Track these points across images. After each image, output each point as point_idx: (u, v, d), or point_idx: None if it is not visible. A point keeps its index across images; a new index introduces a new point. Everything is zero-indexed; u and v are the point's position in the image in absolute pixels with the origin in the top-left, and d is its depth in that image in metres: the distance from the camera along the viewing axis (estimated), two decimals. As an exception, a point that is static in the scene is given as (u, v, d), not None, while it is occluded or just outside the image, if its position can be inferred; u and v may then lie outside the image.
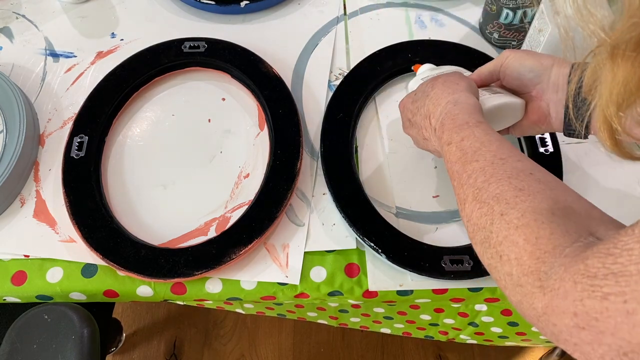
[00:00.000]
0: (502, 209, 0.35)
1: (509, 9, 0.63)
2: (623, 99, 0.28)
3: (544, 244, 0.32)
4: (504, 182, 0.37)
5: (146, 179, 0.62)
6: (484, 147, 0.40)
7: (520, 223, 0.34)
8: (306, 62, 0.69)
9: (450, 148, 0.42)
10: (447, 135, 0.43)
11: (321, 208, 0.59)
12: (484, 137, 0.41)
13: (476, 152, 0.40)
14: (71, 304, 0.60)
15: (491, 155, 0.39)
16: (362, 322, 0.73)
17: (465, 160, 0.40)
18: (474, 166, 0.39)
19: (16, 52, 0.72)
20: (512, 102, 0.50)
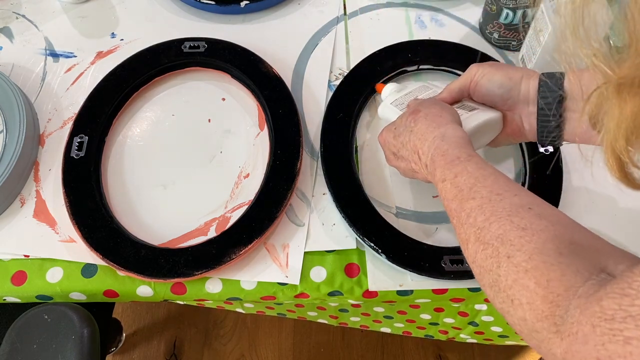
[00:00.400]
0: (508, 251, 0.34)
1: (509, 9, 0.63)
2: (632, 133, 0.28)
3: (556, 287, 0.31)
4: (504, 221, 0.36)
5: (146, 179, 0.62)
6: (479, 183, 0.39)
7: (529, 266, 0.33)
8: (306, 62, 0.69)
9: (444, 185, 0.41)
10: (439, 172, 0.42)
11: (321, 208, 0.59)
12: (477, 172, 0.40)
13: (472, 189, 0.39)
14: (71, 304, 0.60)
15: (487, 191, 0.38)
16: (362, 322, 0.73)
17: (462, 197, 0.39)
18: (472, 204, 0.38)
19: (16, 52, 0.72)
20: (492, 117, 0.50)
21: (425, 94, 0.56)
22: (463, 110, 0.51)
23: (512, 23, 0.65)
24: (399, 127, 0.49)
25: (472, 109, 0.50)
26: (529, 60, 0.63)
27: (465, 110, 0.50)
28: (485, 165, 0.41)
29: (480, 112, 0.50)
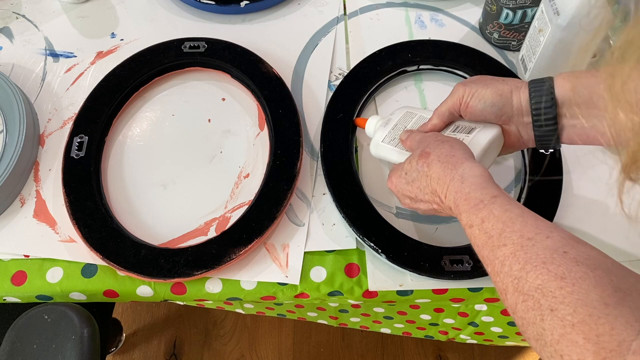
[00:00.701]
0: (550, 303, 0.33)
1: (509, 9, 0.63)
2: None
3: (607, 342, 0.30)
4: (541, 270, 0.34)
5: (146, 179, 0.62)
6: (508, 227, 0.38)
7: (575, 320, 0.31)
8: (306, 62, 0.69)
9: (472, 231, 0.40)
10: (465, 217, 0.41)
11: (321, 208, 0.59)
12: (504, 216, 0.38)
13: (501, 235, 0.38)
14: (71, 304, 0.60)
15: (517, 236, 0.37)
16: (362, 322, 0.73)
17: (493, 245, 0.38)
18: (504, 252, 0.37)
19: (16, 52, 0.72)
20: (495, 134, 0.48)
21: (413, 123, 0.54)
22: (461, 133, 0.50)
23: (512, 23, 0.65)
24: (410, 172, 0.47)
25: (470, 130, 0.49)
26: (529, 60, 0.63)
27: (464, 133, 0.49)
28: (511, 206, 0.39)
29: (480, 133, 0.49)
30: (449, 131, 0.51)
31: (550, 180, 0.57)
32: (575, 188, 0.59)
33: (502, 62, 0.66)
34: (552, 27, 0.56)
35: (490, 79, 0.49)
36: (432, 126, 0.51)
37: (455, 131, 0.50)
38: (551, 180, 0.57)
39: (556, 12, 0.55)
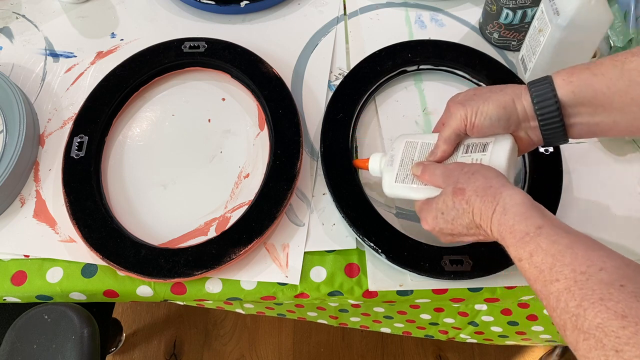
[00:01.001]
0: (614, 344, 0.31)
1: (509, 9, 0.63)
2: None
3: None
4: (599, 307, 0.33)
5: (146, 179, 0.62)
6: (558, 261, 0.36)
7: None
8: (306, 62, 0.69)
9: (522, 265, 0.39)
10: (513, 251, 0.40)
11: (321, 208, 0.59)
12: (552, 249, 0.37)
13: (552, 269, 0.36)
14: (71, 304, 0.60)
15: (569, 270, 0.35)
16: (362, 322, 0.73)
17: (545, 280, 0.37)
18: (557, 287, 0.35)
19: (16, 52, 0.72)
20: (511, 145, 0.47)
21: (418, 153, 0.51)
22: (477, 153, 0.48)
23: (512, 23, 0.65)
24: (448, 211, 0.45)
25: (484, 147, 0.48)
26: (529, 60, 0.63)
27: (479, 153, 0.48)
28: (558, 237, 0.38)
29: (496, 147, 0.47)
30: (461, 153, 0.49)
31: (550, 180, 0.57)
32: (575, 188, 0.59)
33: (502, 62, 0.66)
34: (552, 27, 0.56)
35: (487, 92, 0.47)
36: (442, 153, 0.49)
37: (469, 152, 0.49)
38: (551, 180, 0.57)
39: (556, 12, 0.55)
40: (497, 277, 0.53)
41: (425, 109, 0.65)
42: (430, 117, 0.65)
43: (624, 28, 0.62)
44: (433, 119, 0.64)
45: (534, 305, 0.60)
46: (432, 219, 0.47)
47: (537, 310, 0.61)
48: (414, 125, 0.64)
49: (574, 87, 0.43)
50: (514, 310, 0.62)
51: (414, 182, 0.50)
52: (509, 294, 0.55)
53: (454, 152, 0.49)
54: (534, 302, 0.59)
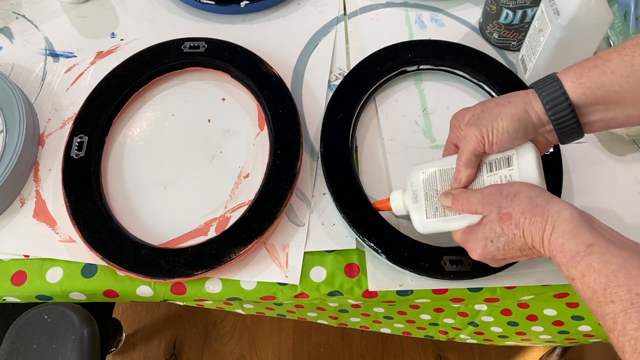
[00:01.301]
0: None
1: (509, 9, 0.63)
2: None
3: None
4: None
5: (146, 179, 0.62)
6: (611, 282, 0.35)
7: None
8: (306, 62, 0.69)
9: (575, 284, 0.38)
10: (565, 270, 0.39)
11: (321, 208, 0.59)
12: (605, 269, 0.36)
13: (606, 291, 0.35)
14: (71, 304, 0.60)
15: (624, 291, 0.35)
16: (362, 322, 0.73)
17: (599, 301, 0.36)
18: (613, 309, 0.35)
19: (16, 52, 0.72)
20: (534, 152, 0.46)
21: (440, 182, 0.50)
22: (503, 169, 0.47)
23: (512, 23, 0.65)
24: (498, 239, 0.44)
25: (507, 160, 0.47)
26: (529, 60, 0.63)
27: (505, 169, 0.46)
28: (611, 255, 0.37)
29: (521, 159, 0.46)
30: (486, 173, 0.48)
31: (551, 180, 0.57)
32: (575, 188, 0.59)
33: (502, 62, 0.66)
34: (552, 27, 0.56)
35: (495, 107, 0.46)
36: (467, 178, 0.47)
37: (493, 169, 0.47)
38: (551, 180, 0.57)
39: (556, 12, 0.55)
40: (497, 277, 0.53)
41: (425, 109, 0.65)
42: (430, 117, 0.65)
43: (624, 28, 0.62)
44: (433, 119, 0.64)
45: (534, 305, 0.60)
46: (481, 248, 0.45)
47: (537, 311, 0.61)
48: (414, 125, 0.64)
49: (585, 88, 0.43)
50: (514, 311, 0.62)
51: (446, 214, 0.48)
52: (509, 294, 0.55)
53: (477, 173, 0.48)
54: (533, 302, 0.59)
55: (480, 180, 0.48)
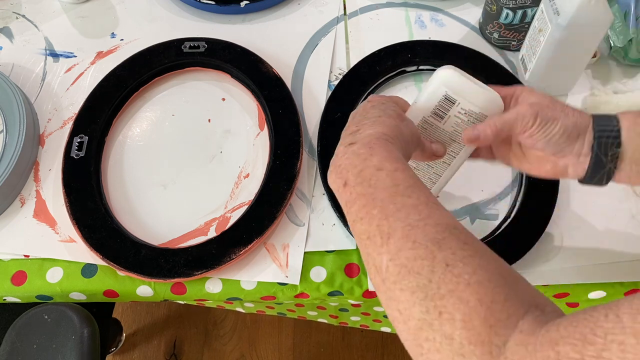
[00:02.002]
0: (447, 259, 0.31)
1: (509, 9, 0.63)
2: None
3: (498, 311, 0.29)
4: (443, 228, 0.33)
5: (146, 179, 0.62)
6: (417, 186, 0.36)
7: (472, 280, 0.30)
8: (306, 62, 0.69)
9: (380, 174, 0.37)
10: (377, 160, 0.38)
11: (321, 208, 0.59)
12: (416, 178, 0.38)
13: (409, 188, 0.36)
14: (71, 304, 0.60)
15: (425, 197, 0.36)
16: (362, 321, 0.74)
17: (396, 192, 0.36)
18: (406, 201, 0.35)
19: (16, 52, 0.72)
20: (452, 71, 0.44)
21: None
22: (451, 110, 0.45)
23: (512, 23, 0.65)
24: None
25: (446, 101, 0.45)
26: (529, 60, 0.63)
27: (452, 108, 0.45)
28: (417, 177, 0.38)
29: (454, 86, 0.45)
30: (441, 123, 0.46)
31: (548, 181, 0.57)
32: (573, 189, 0.59)
33: (502, 62, 0.66)
34: (552, 27, 0.56)
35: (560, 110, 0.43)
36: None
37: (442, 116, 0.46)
38: (549, 181, 0.57)
39: (556, 12, 0.55)
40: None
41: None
42: (430, 117, 0.64)
43: (624, 28, 0.62)
44: (433, 119, 0.64)
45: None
46: None
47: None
48: (414, 125, 0.64)
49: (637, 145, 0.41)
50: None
51: None
52: (509, 294, 0.55)
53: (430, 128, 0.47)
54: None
55: (439, 130, 0.47)
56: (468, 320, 0.29)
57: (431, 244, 0.32)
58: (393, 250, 0.33)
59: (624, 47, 0.63)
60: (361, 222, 0.36)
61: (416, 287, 0.31)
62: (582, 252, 0.55)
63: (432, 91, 0.45)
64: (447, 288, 0.30)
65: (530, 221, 0.55)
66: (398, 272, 0.32)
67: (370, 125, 0.41)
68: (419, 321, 0.30)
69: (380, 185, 0.37)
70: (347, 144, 0.41)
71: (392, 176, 0.37)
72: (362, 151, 0.39)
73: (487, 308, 0.29)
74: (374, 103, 0.45)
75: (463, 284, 0.30)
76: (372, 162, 0.38)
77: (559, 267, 0.54)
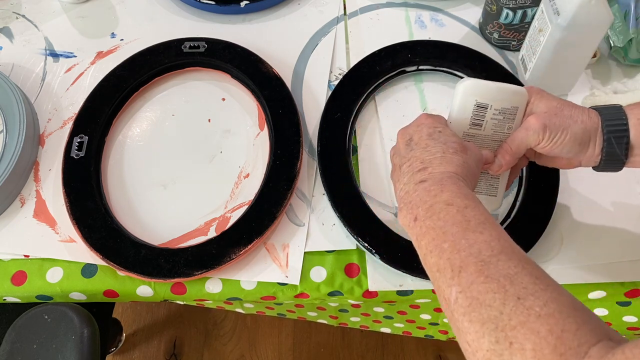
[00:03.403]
0: (519, 292, 0.32)
1: (509, 9, 0.63)
2: None
3: (569, 339, 0.29)
4: (515, 263, 0.34)
5: (146, 179, 0.62)
6: (489, 223, 0.37)
7: (542, 312, 0.31)
8: (306, 62, 0.69)
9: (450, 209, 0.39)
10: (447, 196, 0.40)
11: (321, 208, 0.59)
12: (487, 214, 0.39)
13: (480, 224, 0.37)
14: (71, 304, 0.60)
15: (497, 233, 0.36)
16: (362, 322, 0.73)
17: (467, 228, 0.37)
18: (478, 237, 0.36)
19: (16, 52, 0.72)
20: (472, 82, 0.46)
21: None
22: (485, 116, 0.47)
23: (512, 23, 0.65)
24: None
25: (478, 109, 0.47)
26: (529, 60, 0.63)
27: (486, 113, 0.47)
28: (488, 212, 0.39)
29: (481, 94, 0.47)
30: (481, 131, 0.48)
31: (548, 180, 0.57)
32: (574, 188, 0.59)
33: (502, 62, 0.66)
34: (552, 27, 0.56)
35: (568, 117, 0.45)
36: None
37: (479, 124, 0.48)
38: (549, 180, 0.57)
39: (556, 12, 0.55)
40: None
41: (425, 109, 0.65)
42: (430, 117, 0.64)
43: (624, 28, 0.62)
44: (433, 119, 0.64)
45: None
46: None
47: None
48: (414, 125, 0.64)
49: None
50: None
51: None
52: (509, 294, 0.55)
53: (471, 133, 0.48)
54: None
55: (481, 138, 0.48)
56: (538, 349, 0.29)
57: (503, 278, 0.33)
58: (464, 284, 0.34)
59: (624, 47, 0.63)
60: (431, 254, 0.38)
61: (487, 319, 0.32)
62: (582, 252, 0.55)
63: (461, 106, 0.47)
64: (518, 320, 0.31)
65: (530, 221, 0.55)
66: (469, 304, 0.33)
67: (439, 164, 0.43)
68: (488, 352, 0.31)
69: (451, 219, 0.38)
70: (418, 182, 0.42)
71: (462, 212, 0.38)
72: (432, 188, 0.41)
73: (558, 337, 0.29)
74: (429, 130, 0.45)
75: (534, 315, 0.31)
76: (442, 198, 0.40)
77: (559, 267, 0.54)
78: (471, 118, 0.47)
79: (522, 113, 0.47)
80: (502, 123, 0.47)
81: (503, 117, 0.47)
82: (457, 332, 0.34)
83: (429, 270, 0.38)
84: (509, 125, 0.48)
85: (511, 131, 0.48)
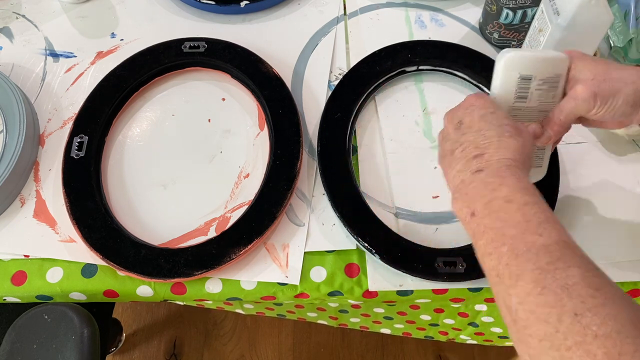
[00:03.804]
0: (576, 307, 0.31)
1: (509, 9, 0.63)
2: None
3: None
4: (574, 272, 0.32)
5: (146, 179, 0.62)
6: (549, 222, 0.36)
7: (600, 332, 0.29)
8: (306, 62, 0.69)
9: (510, 207, 0.37)
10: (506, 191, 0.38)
11: (321, 208, 0.59)
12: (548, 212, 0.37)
13: (540, 225, 0.36)
14: (71, 304, 0.60)
15: (557, 234, 0.35)
16: (362, 323, 0.73)
17: (527, 229, 0.35)
18: (537, 240, 0.35)
19: (16, 52, 0.72)
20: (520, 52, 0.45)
21: None
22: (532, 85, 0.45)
23: (512, 23, 0.65)
24: None
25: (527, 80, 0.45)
26: (529, 61, 0.63)
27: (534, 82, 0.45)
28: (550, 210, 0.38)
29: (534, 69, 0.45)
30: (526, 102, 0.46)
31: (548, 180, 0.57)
32: (574, 188, 0.59)
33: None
34: (552, 27, 0.56)
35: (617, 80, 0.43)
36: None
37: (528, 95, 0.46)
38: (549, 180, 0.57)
39: (556, 12, 0.55)
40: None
41: (425, 109, 0.65)
42: (431, 117, 0.65)
43: (624, 28, 0.62)
44: (433, 119, 0.64)
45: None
46: None
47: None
48: (414, 125, 0.64)
49: None
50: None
51: None
52: (509, 294, 0.55)
53: None
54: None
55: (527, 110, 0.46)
56: None
57: (560, 290, 0.32)
58: (522, 294, 0.33)
59: (624, 47, 0.63)
60: (489, 257, 0.36)
61: (543, 336, 0.31)
62: (582, 252, 0.55)
63: (504, 81, 0.45)
64: (574, 340, 0.30)
65: (530, 221, 0.55)
66: (527, 317, 0.32)
67: (496, 150, 0.40)
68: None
69: (510, 220, 0.36)
70: (474, 171, 0.40)
71: (522, 210, 0.36)
72: (490, 180, 0.39)
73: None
74: (481, 111, 0.43)
75: (590, 335, 0.30)
76: (502, 193, 0.38)
77: (559, 267, 0.54)
78: (515, 92, 0.45)
79: (564, 79, 0.45)
80: (547, 92, 0.46)
81: (548, 86, 0.45)
82: (517, 342, 0.33)
83: (487, 272, 0.37)
84: (554, 93, 0.46)
85: (556, 99, 0.46)
